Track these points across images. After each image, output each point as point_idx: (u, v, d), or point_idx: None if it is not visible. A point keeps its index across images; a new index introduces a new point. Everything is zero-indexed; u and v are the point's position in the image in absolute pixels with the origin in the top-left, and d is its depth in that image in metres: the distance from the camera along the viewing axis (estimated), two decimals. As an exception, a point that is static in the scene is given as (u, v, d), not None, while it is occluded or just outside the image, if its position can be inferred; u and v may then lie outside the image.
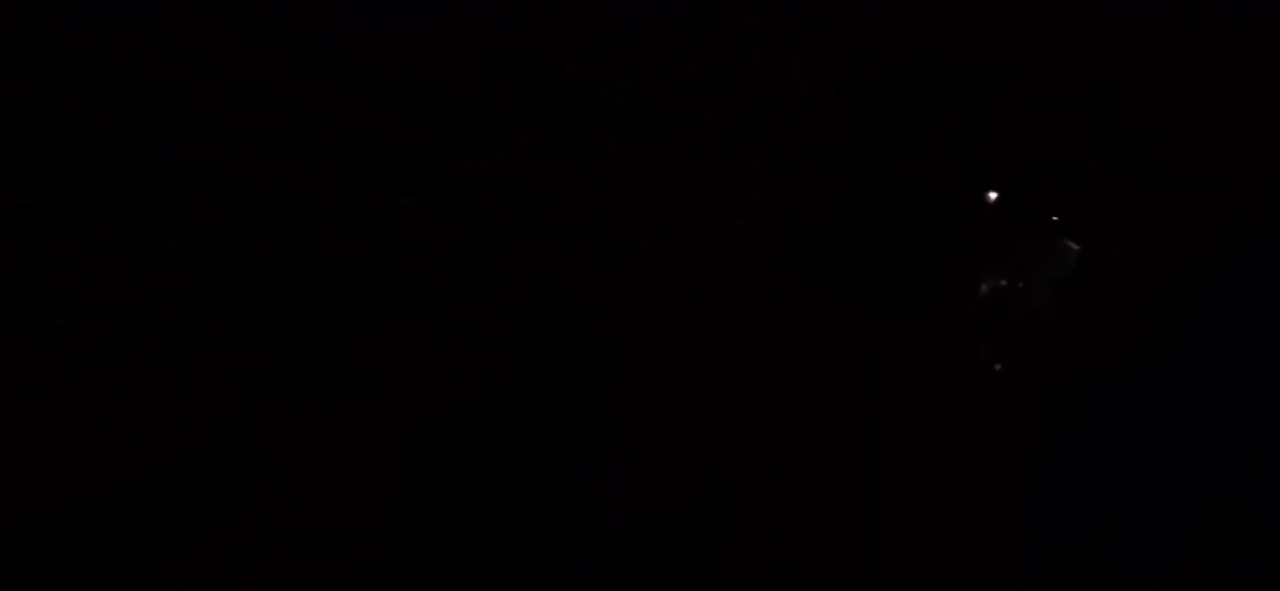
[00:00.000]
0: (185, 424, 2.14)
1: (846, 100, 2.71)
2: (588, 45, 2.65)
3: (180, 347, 2.20)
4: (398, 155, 2.55)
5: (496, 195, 2.55)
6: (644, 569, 2.24)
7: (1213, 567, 2.27)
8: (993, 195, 2.43)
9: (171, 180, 2.35)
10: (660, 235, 2.62)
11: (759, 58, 2.71)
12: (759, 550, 2.27)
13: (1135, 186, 2.66)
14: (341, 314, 2.34)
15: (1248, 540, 2.28)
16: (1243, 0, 2.60)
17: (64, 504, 1.99)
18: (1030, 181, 2.70)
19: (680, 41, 2.68)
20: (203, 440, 2.15)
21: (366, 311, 2.36)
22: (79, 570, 1.95)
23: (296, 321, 2.29)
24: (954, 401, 2.46)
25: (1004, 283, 2.56)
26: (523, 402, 2.41)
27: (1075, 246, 2.49)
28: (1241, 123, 2.63)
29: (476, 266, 2.47)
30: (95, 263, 2.23)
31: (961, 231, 2.68)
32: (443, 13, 2.55)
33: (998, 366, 2.50)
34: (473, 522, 2.23)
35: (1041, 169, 2.71)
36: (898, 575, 2.24)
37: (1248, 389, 2.41)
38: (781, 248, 2.67)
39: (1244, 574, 2.26)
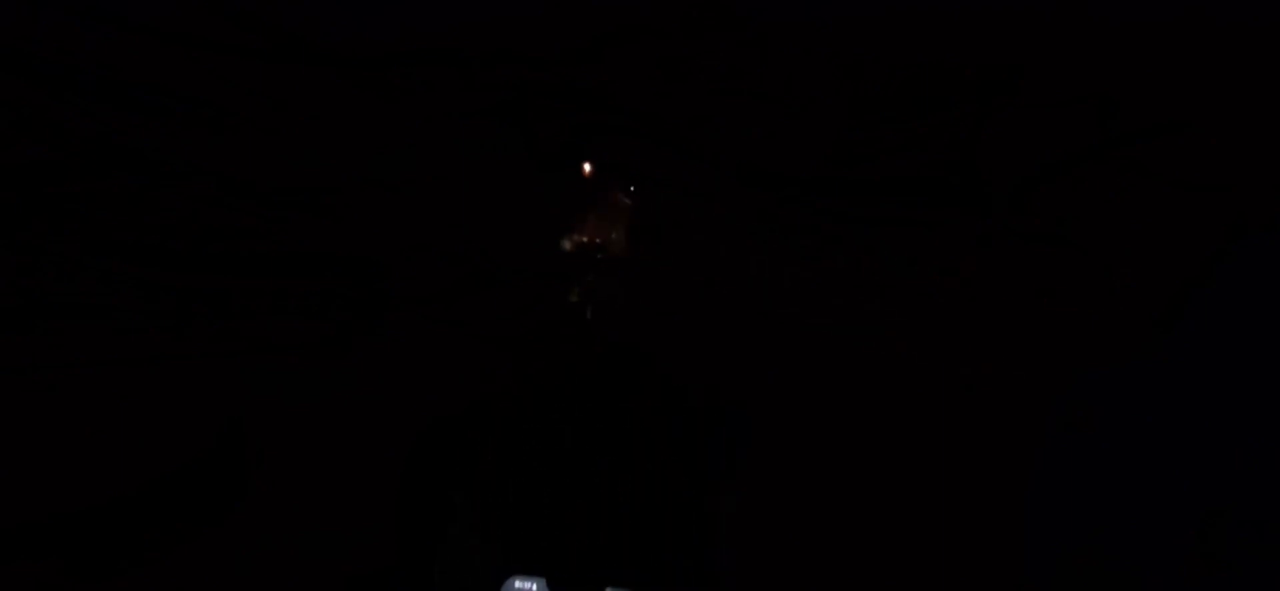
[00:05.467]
0: (185, 424, 2.14)
1: (846, 100, 2.71)
2: (586, 44, 2.65)
3: (180, 347, 2.20)
4: (397, 154, 2.55)
5: (497, 193, 2.55)
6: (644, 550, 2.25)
7: (1213, 567, 2.27)
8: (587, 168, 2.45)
9: (171, 180, 2.35)
10: (660, 232, 2.62)
11: (759, 57, 2.71)
12: (758, 547, 2.27)
13: (1135, 186, 2.66)
14: (341, 314, 2.34)
15: (1248, 540, 2.28)
16: (1243, 0, 2.60)
17: (64, 504, 1.99)
18: (1030, 181, 2.70)
19: (681, 40, 2.67)
20: (203, 440, 2.14)
21: (366, 311, 2.36)
22: (79, 570, 1.95)
23: (297, 321, 2.29)
24: (953, 400, 2.46)
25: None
26: (523, 402, 2.41)
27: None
28: (1241, 123, 2.63)
29: (476, 266, 2.47)
30: (95, 262, 2.23)
31: None
32: (440, 10, 2.55)
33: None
34: (473, 522, 2.23)
35: (1041, 169, 2.71)
36: (897, 574, 2.24)
37: (1248, 389, 2.41)
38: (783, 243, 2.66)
39: (1244, 574, 2.26)
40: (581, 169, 2.48)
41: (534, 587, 1.70)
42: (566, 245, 2.55)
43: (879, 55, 2.70)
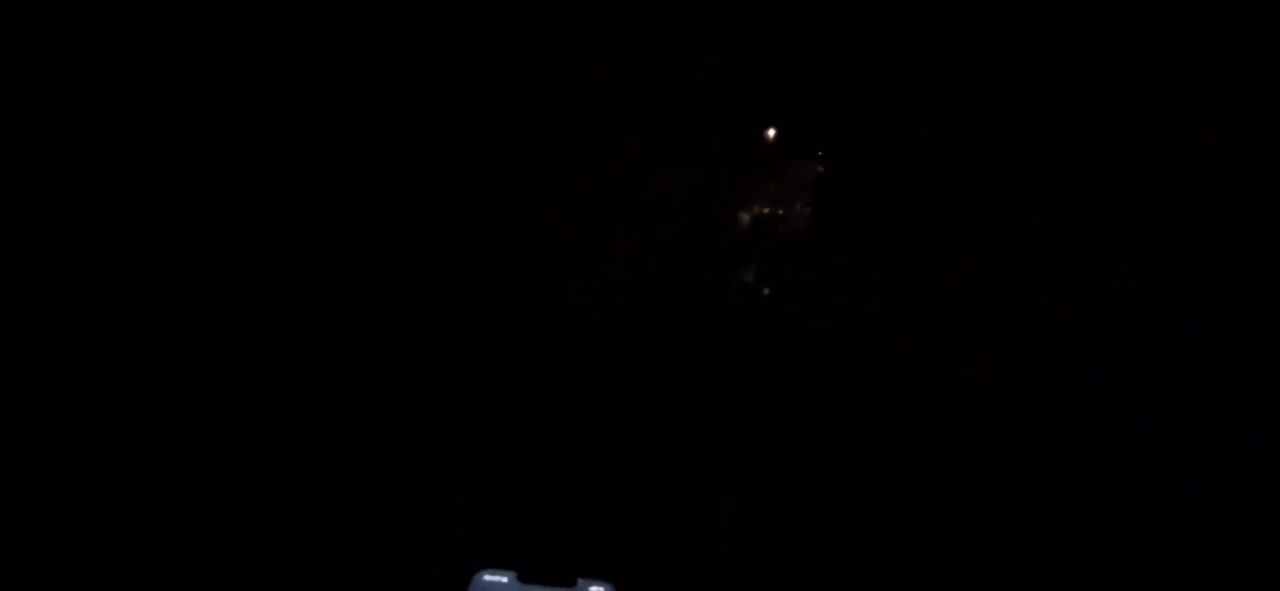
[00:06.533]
0: (185, 424, 2.14)
1: (846, 100, 2.71)
2: (586, 44, 2.65)
3: (180, 347, 2.20)
4: (397, 154, 2.55)
5: (497, 193, 2.56)
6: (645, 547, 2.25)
7: (1213, 567, 2.27)
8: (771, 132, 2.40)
9: (171, 180, 2.36)
10: (661, 229, 2.62)
11: (759, 57, 2.71)
12: (758, 544, 2.27)
13: (1135, 186, 2.66)
14: (341, 314, 2.34)
15: (1248, 540, 2.28)
16: (1243, 0, 2.60)
17: (64, 504, 1.99)
18: (1030, 181, 2.70)
19: (681, 40, 2.68)
20: (203, 440, 2.15)
21: (366, 311, 2.36)
22: (79, 570, 1.95)
23: (296, 321, 2.29)
24: (953, 400, 2.46)
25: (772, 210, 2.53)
26: (523, 402, 2.41)
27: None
28: (1241, 123, 2.63)
29: (476, 266, 2.47)
30: (95, 262, 2.23)
31: None
32: (440, 10, 2.55)
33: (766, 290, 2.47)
34: (473, 522, 2.23)
35: (1041, 169, 2.71)
36: (897, 574, 2.25)
37: (1248, 389, 2.41)
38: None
39: (1244, 574, 2.26)
40: (765, 135, 2.42)
41: (505, 580, 1.70)
42: (745, 217, 2.49)
43: (879, 55, 2.70)
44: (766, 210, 2.53)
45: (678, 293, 2.54)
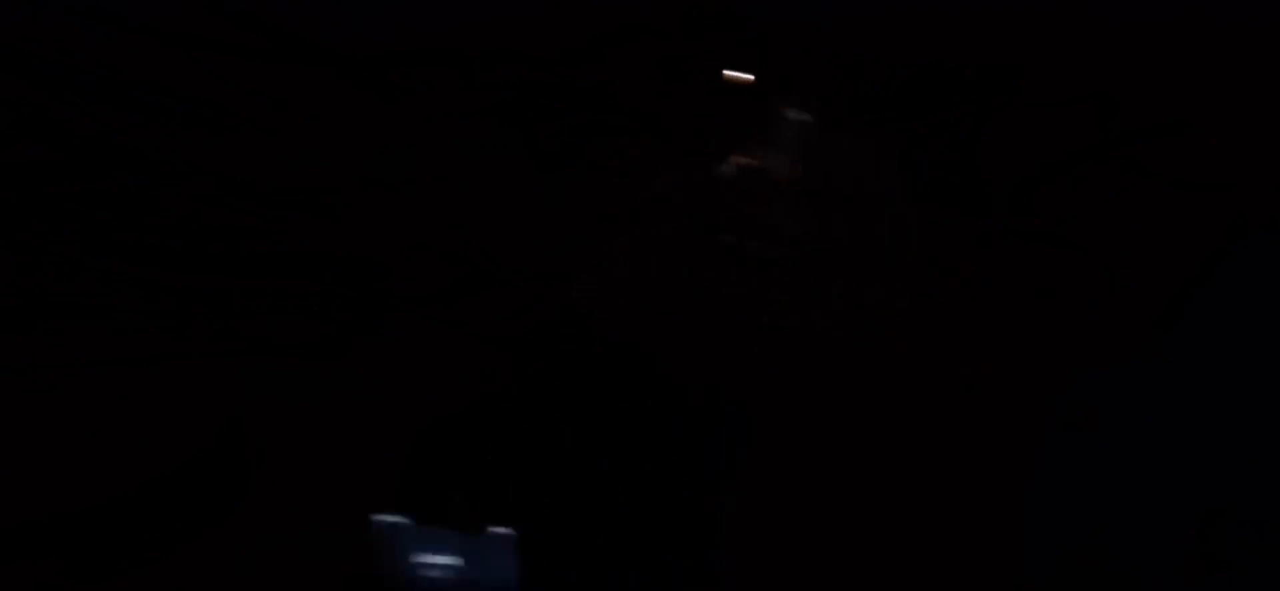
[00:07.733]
0: (185, 424, 2.14)
1: (846, 100, 2.71)
2: (586, 44, 2.65)
3: (180, 347, 2.20)
4: (397, 154, 2.55)
5: (497, 193, 2.56)
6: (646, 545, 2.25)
7: (1213, 567, 2.27)
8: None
9: (171, 180, 2.35)
10: (661, 229, 2.62)
11: (759, 57, 2.71)
12: (758, 546, 2.27)
13: (1135, 186, 2.66)
14: (341, 314, 2.34)
15: (1248, 540, 2.28)
16: (1242, 0, 2.60)
17: (64, 504, 2.00)
18: (1030, 181, 2.70)
19: (681, 40, 2.68)
20: (203, 440, 2.15)
21: (366, 311, 2.36)
22: (79, 570, 1.96)
23: (297, 321, 2.29)
24: (953, 400, 2.46)
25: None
26: (523, 402, 2.41)
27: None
28: (1241, 123, 2.63)
29: (476, 266, 2.47)
30: (95, 262, 2.23)
31: None
32: (440, 10, 2.55)
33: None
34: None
35: (1041, 169, 2.71)
36: (897, 573, 2.25)
37: (1248, 389, 2.41)
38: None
39: (1244, 574, 2.26)
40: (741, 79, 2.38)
41: (404, 521, 1.72)
42: (727, 168, 2.46)
43: (879, 55, 2.70)
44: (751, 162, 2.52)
45: (678, 292, 2.54)
